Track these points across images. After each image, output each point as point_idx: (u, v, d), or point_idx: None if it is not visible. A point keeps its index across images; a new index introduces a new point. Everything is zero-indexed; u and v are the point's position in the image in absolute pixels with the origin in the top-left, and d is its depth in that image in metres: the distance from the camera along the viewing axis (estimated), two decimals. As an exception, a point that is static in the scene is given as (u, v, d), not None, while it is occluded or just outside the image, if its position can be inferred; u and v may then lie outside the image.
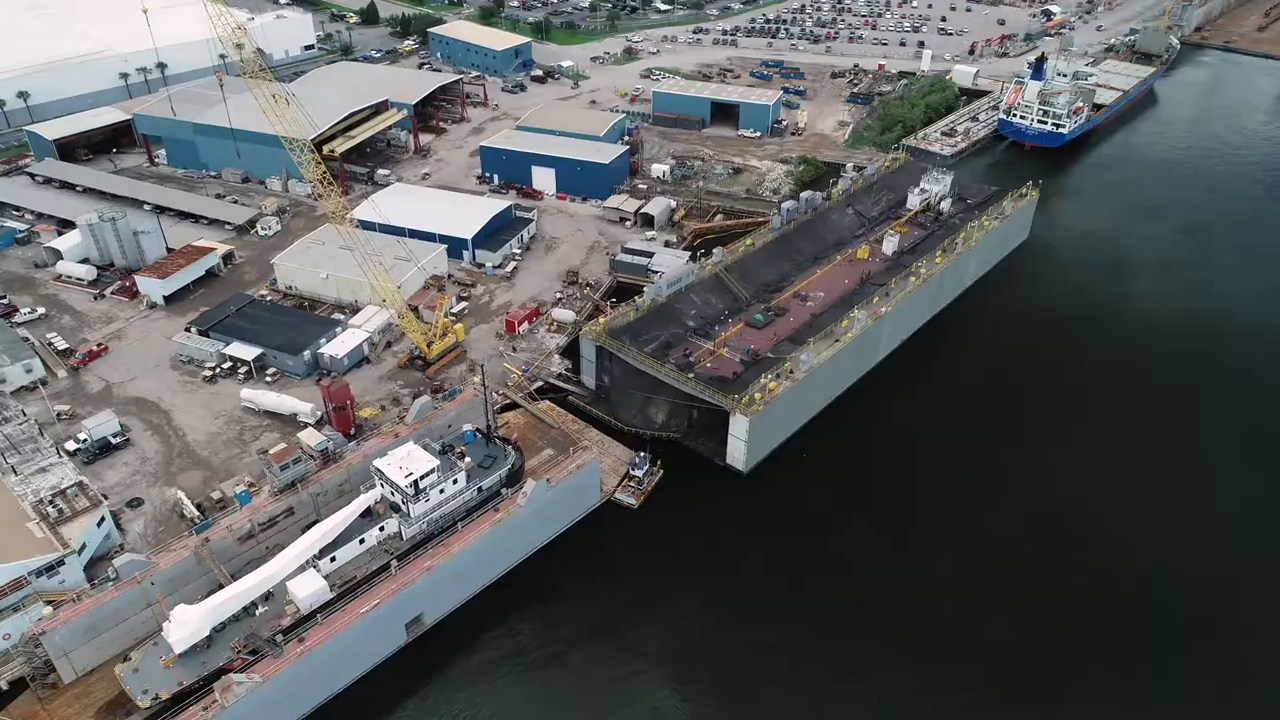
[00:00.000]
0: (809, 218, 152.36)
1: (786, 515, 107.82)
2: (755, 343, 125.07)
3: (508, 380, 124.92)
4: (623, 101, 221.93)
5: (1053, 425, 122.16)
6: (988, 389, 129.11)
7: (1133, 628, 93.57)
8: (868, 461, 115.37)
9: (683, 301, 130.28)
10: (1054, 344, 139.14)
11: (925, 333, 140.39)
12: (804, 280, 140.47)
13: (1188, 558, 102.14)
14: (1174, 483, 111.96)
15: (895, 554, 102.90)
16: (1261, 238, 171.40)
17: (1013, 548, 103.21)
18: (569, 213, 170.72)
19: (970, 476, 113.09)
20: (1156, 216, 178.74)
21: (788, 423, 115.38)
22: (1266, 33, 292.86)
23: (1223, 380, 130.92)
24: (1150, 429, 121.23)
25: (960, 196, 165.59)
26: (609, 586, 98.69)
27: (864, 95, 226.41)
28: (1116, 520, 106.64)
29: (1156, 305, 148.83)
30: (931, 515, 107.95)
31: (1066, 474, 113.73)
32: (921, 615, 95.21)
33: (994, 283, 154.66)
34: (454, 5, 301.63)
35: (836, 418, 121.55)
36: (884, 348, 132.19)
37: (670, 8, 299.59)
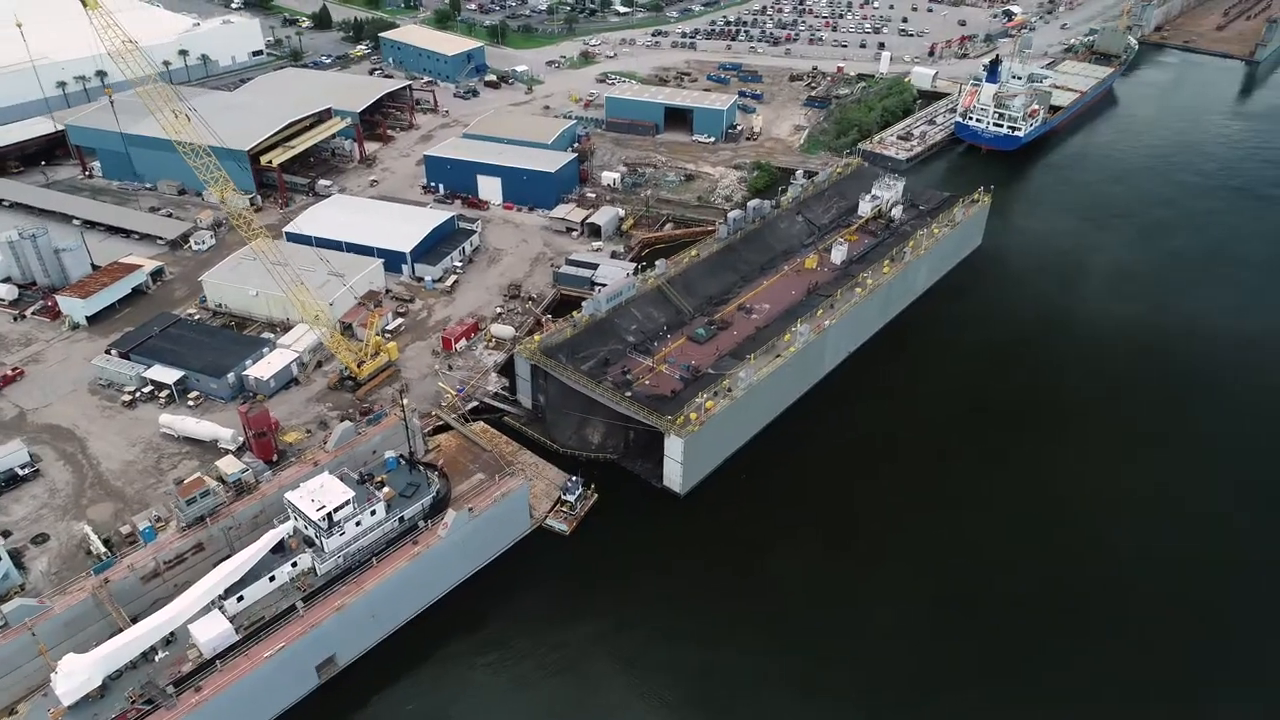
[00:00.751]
0: (757, 227, 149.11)
1: (723, 538, 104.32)
2: (696, 358, 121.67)
3: (442, 400, 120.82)
4: (576, 107, 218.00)
5: (1005, 440, 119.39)
6: (937, 402, 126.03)
7: (1090, 658, 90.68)
8: (809, 481, 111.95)
9: (623, 316, 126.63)
10: (1007, 354, 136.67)
11: (874, 344, 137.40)
12: (750, 292, 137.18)
13: (1151, 579, 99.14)
14: (1136, 501, 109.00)
15: (836, 577, 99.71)
16: (1220, 241, 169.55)
17: (962, 573, 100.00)
18: (515, 223, 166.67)
19: (916, 496, 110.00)
20: (1114, 220, 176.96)
21: (726, 442, 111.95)
22: (1225, 32, 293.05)
23: (1182, 391, 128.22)
24: (1108, 443, 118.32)
25: (913, 203, 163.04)
26: (536, 617, 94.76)
27: (821, 98, 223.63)
28: (1073, 544, 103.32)
29: (1114, 314, 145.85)
30: (875, 536, 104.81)
31: (1019, 492, 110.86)
32: (863, 641, 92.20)
33: (946, 291, 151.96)
34: (409, 9, 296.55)
35: (779, 435, 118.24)
36: (830, 361, 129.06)
37: (629, 10, 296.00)
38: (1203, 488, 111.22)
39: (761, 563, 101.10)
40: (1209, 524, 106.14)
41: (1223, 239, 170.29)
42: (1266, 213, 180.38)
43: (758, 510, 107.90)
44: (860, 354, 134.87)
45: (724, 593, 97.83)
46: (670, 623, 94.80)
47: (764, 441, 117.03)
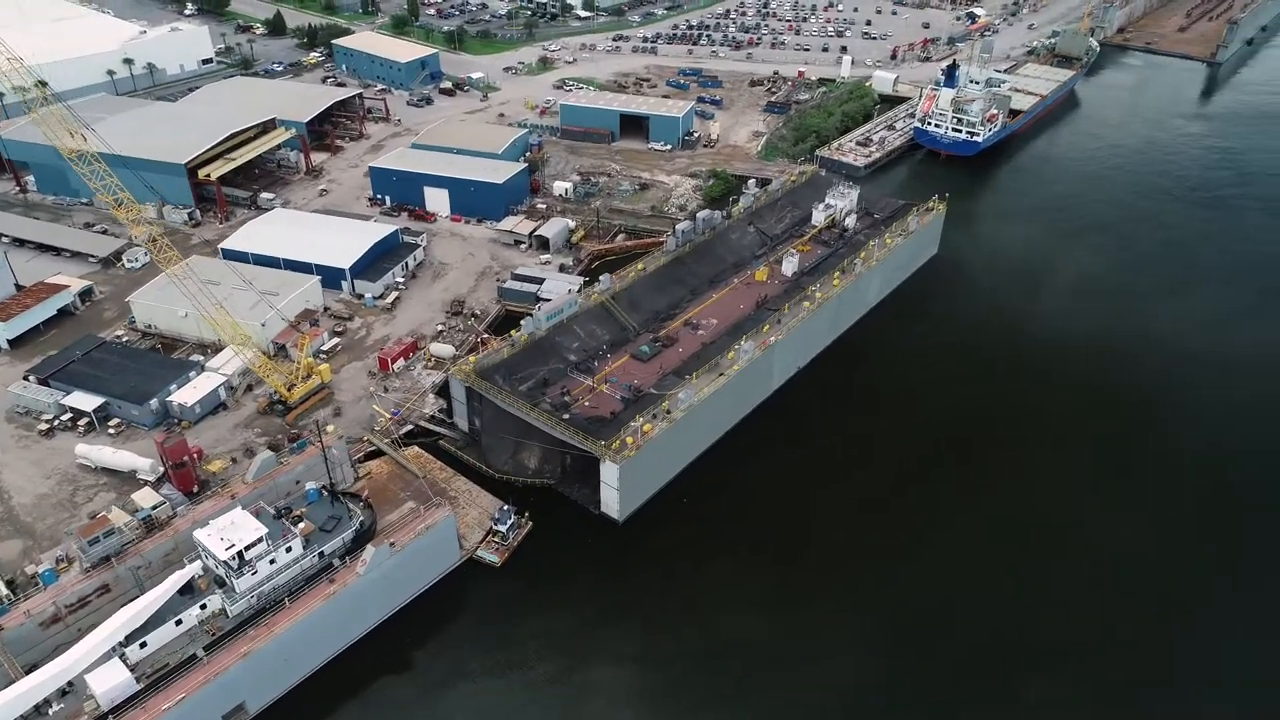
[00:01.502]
0: (707, 238, 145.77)
1: (663, 566, 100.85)
2: (639, 377, 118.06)
3: (375, 424, 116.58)
4: (532, 114, 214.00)
5: (962, 457, 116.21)
6: (890, 418, 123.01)
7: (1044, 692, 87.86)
8: (755, 504, 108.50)
9: (564, 334, 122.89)
10: (963, 367, 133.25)
11: (825, 358, 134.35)
12: (697, 306, 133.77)
13: (1113, 610, 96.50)
14: (1096, 529, 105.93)
15: (782, 605, 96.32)
16: (1183, 248, 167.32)
17: (913, 603, 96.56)
18: (462, 236, 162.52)
19: (869, 517, 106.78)
20: (1073, 227, 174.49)
21: (666, 466, 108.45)
22: (1187, 33, 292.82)
23: (1143, 410, 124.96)
24: (1071, 460, 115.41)
25: (868, 211, 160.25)
26: (463, 655, 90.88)
27: (781, 104, 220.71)
28: (1029, 572, 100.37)
29: (1074, 325, 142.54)
30: (824, 561, 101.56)
31: (976, 511, 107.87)
32: (809, 672, 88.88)
33: (901, 302, 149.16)
34: (367, 15, 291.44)
35: (723, 456, 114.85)
36: (778, 377, 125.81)
37: (590, 15, 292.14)
38: (1167, 503, 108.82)
39: (703, 591, 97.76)
40: (1173, 539, 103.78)
41: (1185, 245, 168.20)
42: (1228, 218, 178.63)
43: (700, 536, 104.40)
44: (811, 369, 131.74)
45: (663, 624, 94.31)
46: (605, 656, 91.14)
47: (708, 463, 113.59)
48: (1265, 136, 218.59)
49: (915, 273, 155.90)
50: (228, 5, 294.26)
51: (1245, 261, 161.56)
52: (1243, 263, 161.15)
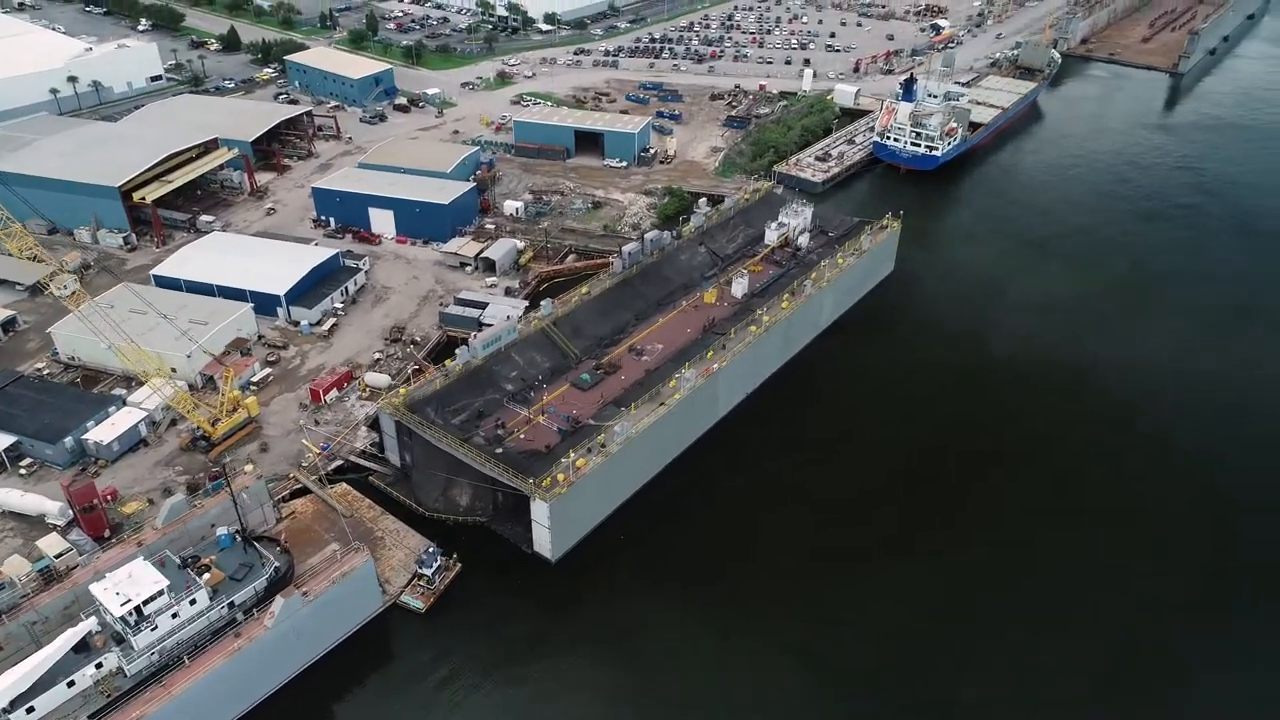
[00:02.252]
0: (655, 260, 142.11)
1: (597, 608, 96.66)
2: (578, 407, 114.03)
3: (303, 460, 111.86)
4: (488, 130, 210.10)
5: (917, 487, 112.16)
6: (843, 445, 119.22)
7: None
8: (695, 540, 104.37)
9: (501, 363, 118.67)
10: (915, 392, 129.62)
11: (776, 382, 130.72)
12: (643, 331, 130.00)
13: (1072, 646, 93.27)
14: (1051, 554, 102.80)
15: (724, 647, 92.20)
16: (1144, 265, 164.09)
17: (861, 645, 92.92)
18: (407, 258, 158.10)
19: (818, 552, 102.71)
20: (1033, 242, 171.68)
21: (602, 502, 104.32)
22: (1150, 44, 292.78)
23: (1103, 432, 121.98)
24: (1024, 492, 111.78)
25: (822, 229, 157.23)
26: (384, 707, 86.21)
27: (741, 118, 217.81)
28: (984, 607, 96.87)
29: (1033, 347, 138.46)
30: (770, 600, 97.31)
31: (931, 544, 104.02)
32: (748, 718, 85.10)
33: (855, 322, 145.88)
34: (324, 30, 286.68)
35: (664, 489, 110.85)
36: (724, 404, 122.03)
37: (553, 28, 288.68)
38: (1131, 532, 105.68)
39: (641, 632, 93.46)
40: (1132, 569, 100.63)
41: (1146, 261, 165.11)
42: (1190, 234, 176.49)
43: (638, 574, 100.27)
44: (760, 393, 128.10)
45: (599, 668, 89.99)
46: (537, 703, 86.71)
47: (648, 496, 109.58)
48: (1227, 148, 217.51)
49: (870, 292, 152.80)
50: (182, 21, 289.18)
51: (1207, 278, 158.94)
52: (1205, 279, 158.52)
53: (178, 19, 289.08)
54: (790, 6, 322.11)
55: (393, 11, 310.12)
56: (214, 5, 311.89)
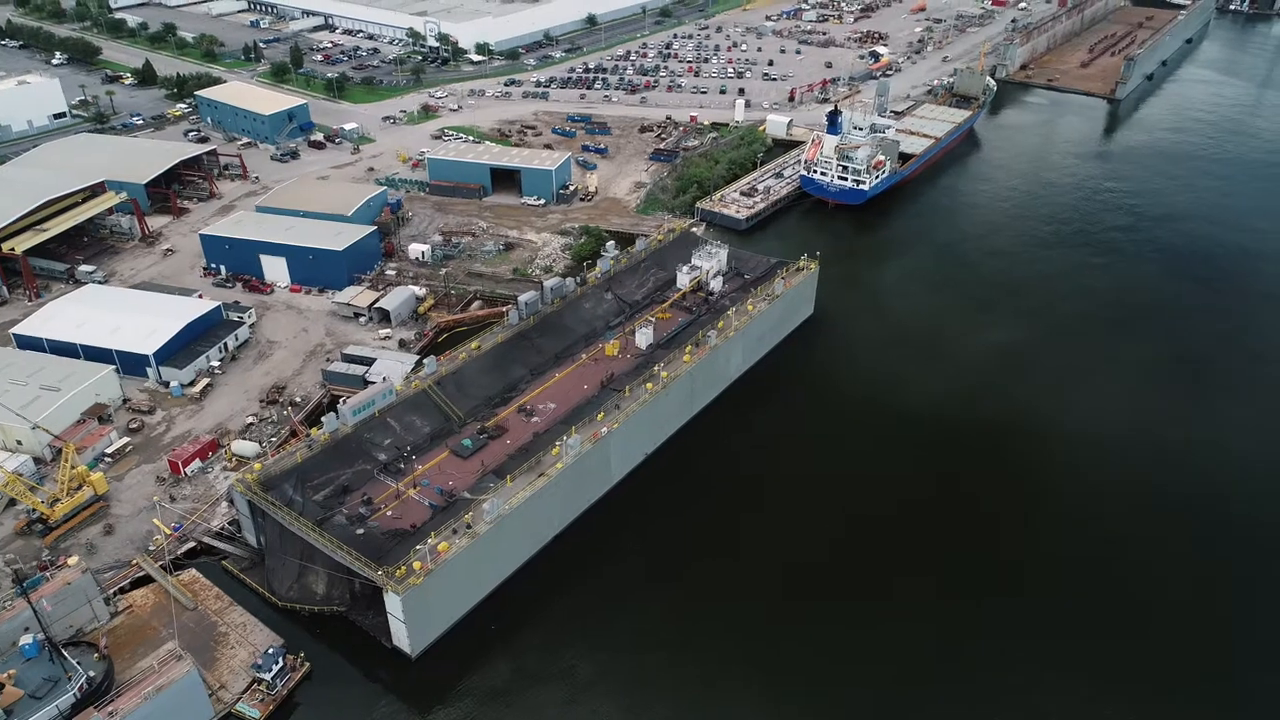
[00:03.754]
0: (555, 309, 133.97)
1: (462, 710, 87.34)
2: (456, 478, 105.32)
3: (151, 542, 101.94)
4: (404, 167, 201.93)
5: (817, 561, 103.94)
6: (743, 514, 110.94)
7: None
8: (576, 629, 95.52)
9: (375, 429, 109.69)
10: (830, 449, 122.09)
11: (679, 440, 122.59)
12: (536, 389, 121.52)
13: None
14: (956, 629, 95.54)
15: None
16: (1076, 299, 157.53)
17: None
18: (299, 308, 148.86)
19: (720, 638, 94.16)
20: (963, 281, 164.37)
21: (470, 589, 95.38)
22: (1089, 69, 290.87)
23: (1023, 486, 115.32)
24: (936, 561, 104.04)
25: (738, 271, 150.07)
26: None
27: (668, 151, 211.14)
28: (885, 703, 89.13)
29: (957, 398, 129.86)
30: (663, 695, 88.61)
31: (834, 625, 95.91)
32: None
33: (769, 371, 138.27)
34: (248, 62, 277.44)
35: (545, 569, 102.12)
36: (618, 469, 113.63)
37: (484, 59, 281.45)
38: (1050, 603, 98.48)
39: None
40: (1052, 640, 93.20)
41: (1079, 298, 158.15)
42: (1122, 267, 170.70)
43: (510, 669, 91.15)
44: (661, 454, 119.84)
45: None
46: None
47: (526, 577, 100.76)
48: (1161, 177, 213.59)
49: (788, 337, 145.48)
50: (98, 54, 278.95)
51: (1138, 315, 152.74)
52: (1135, 317, 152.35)
53: (94, 52, 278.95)
54: (730, 34, 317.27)
55: (321, 43, 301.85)
56: (135, 38, 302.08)
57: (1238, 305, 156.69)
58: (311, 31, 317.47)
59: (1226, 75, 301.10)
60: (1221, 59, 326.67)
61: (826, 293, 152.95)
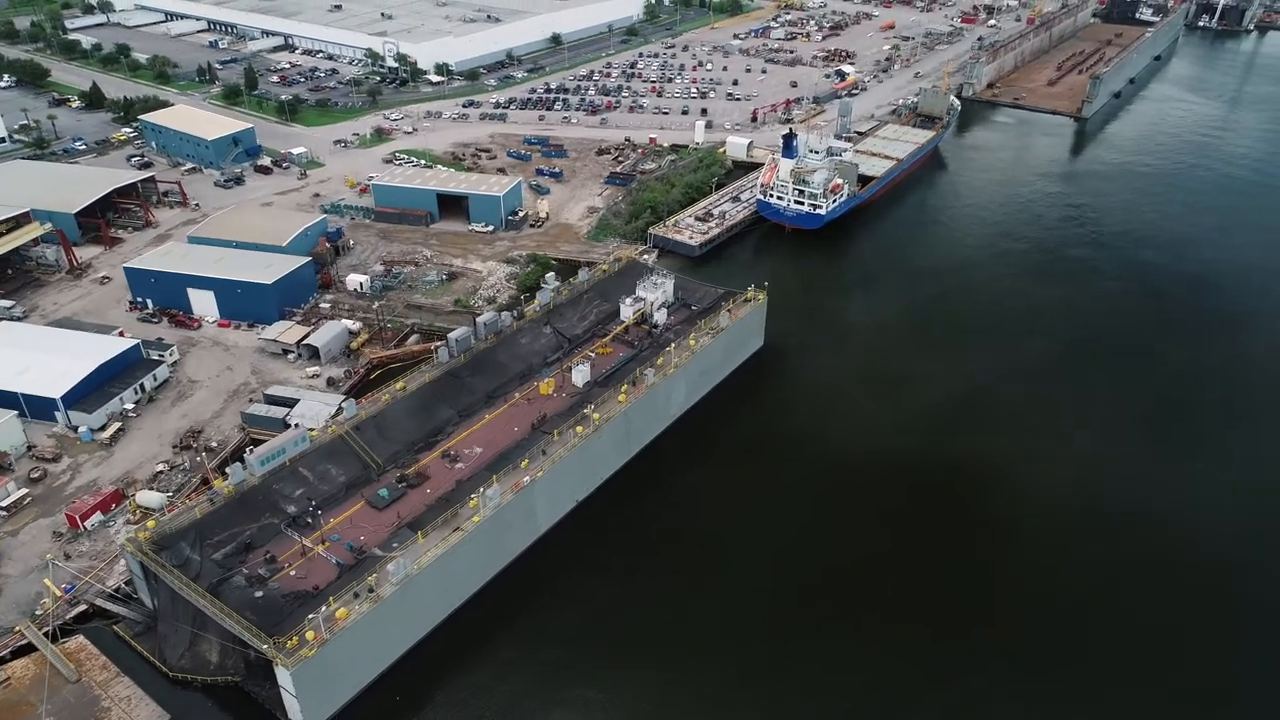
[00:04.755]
0: (490, 345, 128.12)
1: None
2: (369, 531, 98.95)
3: (40, 606, 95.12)
4: (351, 193, 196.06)
5: (758, 619, 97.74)
6: (676, 571, 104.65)
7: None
8: (489, 700, 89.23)
9: (285, 479, 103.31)
10: (780, 492, 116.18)
11: (615, 485, 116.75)
12: (463, 432, 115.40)
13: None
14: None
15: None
16: (1039, 331, 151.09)
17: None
18: (226, 344, 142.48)
19: (654, 703, 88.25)
20: (921, 310, 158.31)
21: (373, 657, 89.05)
22: (1057, 87, 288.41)
23: (989, 544, 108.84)
24: (886, 630, 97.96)
25: (684, 303, 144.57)
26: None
27: (624, 175, 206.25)
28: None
29: (913, 440, 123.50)
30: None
31: (778, 685, 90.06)
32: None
33: (714, 407, 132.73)
34: (202, 84, 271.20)
35: (461, 630, 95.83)
36: (546, 518, 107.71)
37: (443, 80, 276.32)
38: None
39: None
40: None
41: (1043, 329, 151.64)
42: (1085, 293, 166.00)
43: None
44: (595, 500, 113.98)
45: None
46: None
47: (440, 642, 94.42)
48: (1127, 199, 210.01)
49: (736, 370, 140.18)
50: (47, 76, 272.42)
51: (1103, 349, 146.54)
52: (1101, 351, 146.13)
53: (42, 74, 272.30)
54: (696, 53, 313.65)
55: (280, 63, 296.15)
56: (88, 59, 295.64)
57: (1207, 338, 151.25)
58: (271, 52, 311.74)
59: (1195, 93, 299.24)
60: (1190, 76, 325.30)
61: (779, 322, 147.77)
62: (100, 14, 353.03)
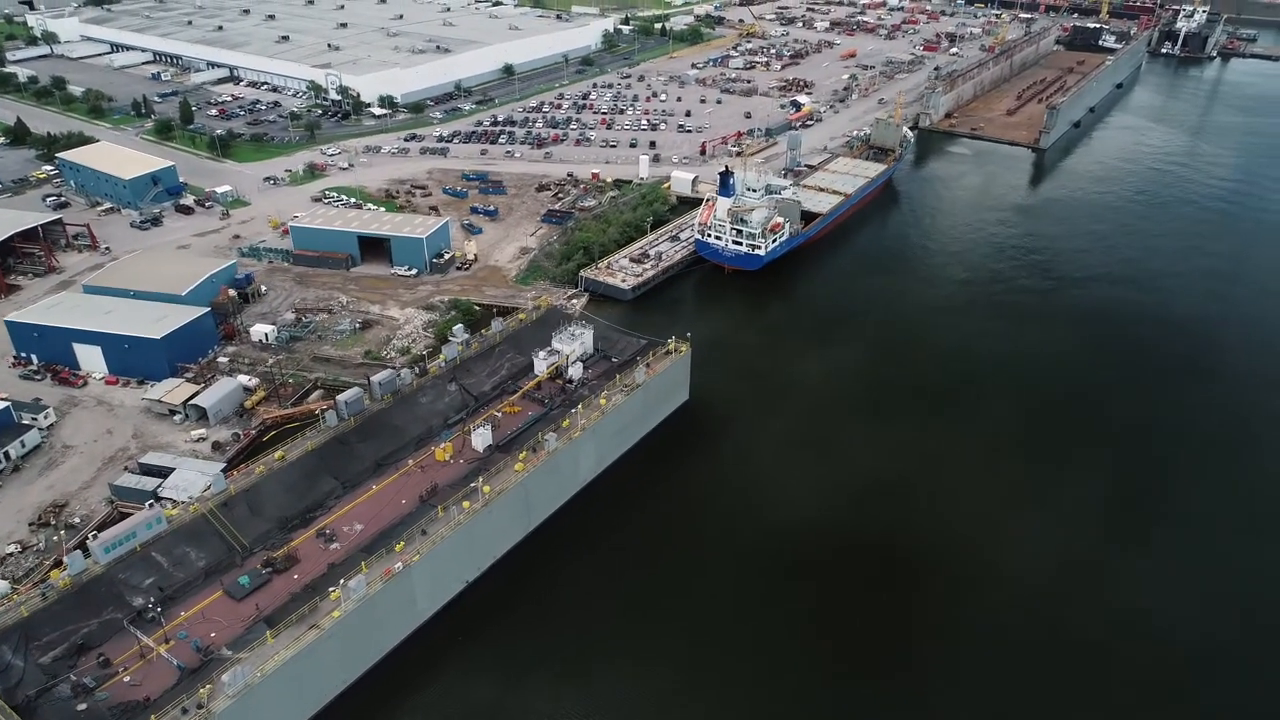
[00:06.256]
0: (386, 406, 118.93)
1: None
2: (222, 627, 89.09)
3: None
4: (274, 234, 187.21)
5: (667, 703, 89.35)
6: (580, 660, 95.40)
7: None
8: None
9: (134, 567, 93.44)
10: (690, 572, 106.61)
11: (511, 562, 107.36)
12: (345, 506, 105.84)
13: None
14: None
15: None
16: (982, 384, 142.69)
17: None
18: (111, 404, 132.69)
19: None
20: (863, 361, 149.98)
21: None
22: (1015, 117, 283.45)
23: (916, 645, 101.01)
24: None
25: (605, 354, 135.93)
26: None
27: (562, 213, 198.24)
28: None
29: (844, 512, 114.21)
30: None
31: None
32: None
33: (631, 469, 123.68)
34: (139, 118, 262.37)
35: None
36: (427, 604, 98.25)
37: (387, 112, 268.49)
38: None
39: None
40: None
41: (986, 388, 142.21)
42: (1036, 338, 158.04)
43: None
44: (491, 577, 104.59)
45: None
46: None
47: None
48: (1081, 235, 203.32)
49: (659, 426, 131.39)
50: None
51: (1053, 407, 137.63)
52: (1050, 406, 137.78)
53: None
54: (652, 84, 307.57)
55: (221, 96, 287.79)
56: (22, 92, 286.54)
57: (1162, 388, 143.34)
58: (215, 84, 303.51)
59: (1156, 122, 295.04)
60: (1152, 105, 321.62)
61: (710, 372, 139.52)
62: (44, 45, 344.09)
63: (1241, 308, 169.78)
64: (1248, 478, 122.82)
